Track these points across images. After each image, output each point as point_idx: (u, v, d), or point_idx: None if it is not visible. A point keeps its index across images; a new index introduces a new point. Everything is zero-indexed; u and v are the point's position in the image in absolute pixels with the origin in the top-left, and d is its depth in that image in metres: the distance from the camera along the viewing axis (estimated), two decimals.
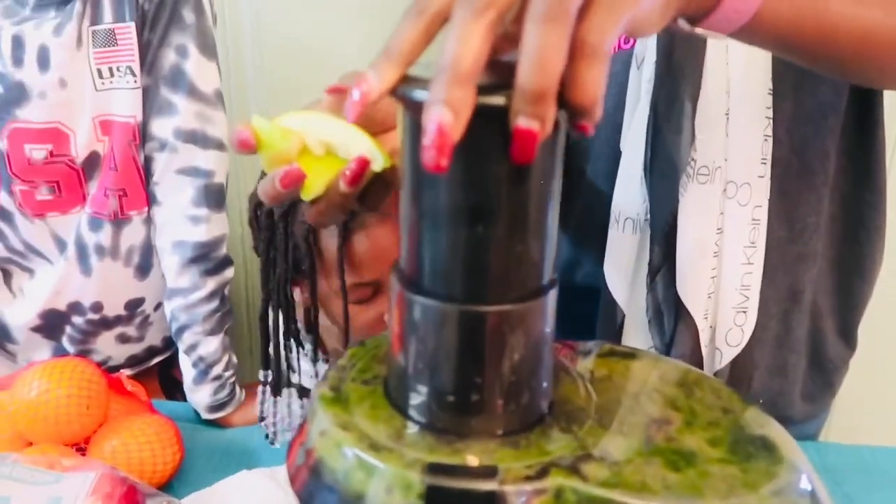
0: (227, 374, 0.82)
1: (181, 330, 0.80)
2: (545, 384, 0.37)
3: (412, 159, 0.32)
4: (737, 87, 0.64)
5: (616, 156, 0.70)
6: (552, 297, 0.35)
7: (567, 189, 0.77)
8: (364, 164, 0.37)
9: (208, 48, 0.79)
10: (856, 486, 0.73)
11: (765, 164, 0.65)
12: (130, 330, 0.88)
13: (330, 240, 0.71)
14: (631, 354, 0.45)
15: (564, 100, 0.28)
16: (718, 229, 0.66)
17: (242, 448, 0.79)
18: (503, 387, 0.35)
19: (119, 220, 0.81)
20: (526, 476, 0.33)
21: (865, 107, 0.68)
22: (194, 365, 0.81)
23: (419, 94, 0.29)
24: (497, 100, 0.28)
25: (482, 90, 0.28)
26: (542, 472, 0.33)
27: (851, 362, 0.80)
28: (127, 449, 0.69)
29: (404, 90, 0.31)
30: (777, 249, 0.68)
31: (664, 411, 0.40)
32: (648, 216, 0.69)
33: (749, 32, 0.41)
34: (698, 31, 0.40)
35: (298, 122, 0.38)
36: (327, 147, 0.38)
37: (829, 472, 0.75)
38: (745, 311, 0.69)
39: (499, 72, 0.30)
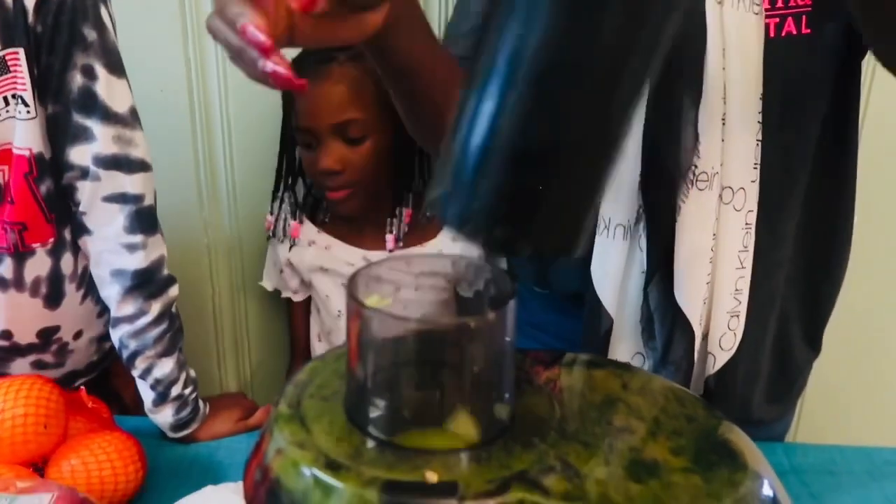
0: (188, 391, 0.80)
1: (133, 356, 0.78)
2: (507, 396, 0.36)
3: None
4: (733, 92, 0.64)
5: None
6: (512, 307, 0.35)
7: None
8: None
9: (115, 65, 0.74)
10: (823, 487, 0.74)
11: (756, 168, 0.66)
12: (47, 357, 0.84)
13: None
14: (595, 364, 0.45)
15: None
16: (714, 235, 0.67)
17: (208, 463, 0.78)
18: (463, 400, 0.34)
19: (21, 253, 0.77)
20: (487, 491, 0.32)
21: (844, 118, 0.69)
22: (152, 388, 0.78)
23: None
24: None
25: None
26: (504, 487, 0.32)
27: (819, 364, 0.81)
28: (87, 468, 0.67)
29: None
30: (761, 255, 0.69)
31: (628, 421, 0.40)
32: (643, 222, 0.68)
33: None
34: None
35: None
36: None
37: (796, 473, 0.76)
38: (737, 315, 0.69)
39: None
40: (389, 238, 1.04)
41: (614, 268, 0.70)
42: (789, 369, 0.77)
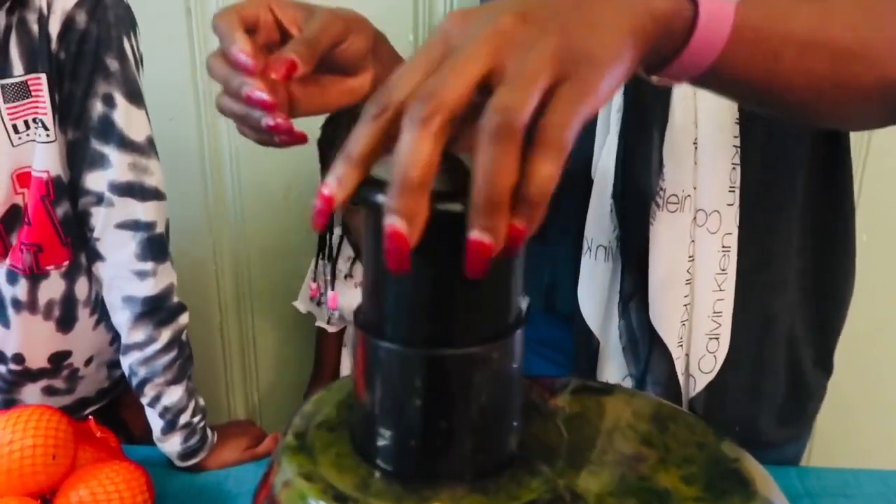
0: (196, 419, 0.80)
1: (142, 384, 0.78)
2: (515, 425, 0.36)
3: (374, 249, 0.32)
4: (705, 116, 0.64)
5: (587, 184, 0.70)
6: (519, 336, 0.35)
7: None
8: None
9: (135, 95, 0.77)
10: None
11: (733, 192, 0.66)
12: (57, 382, 0.85)
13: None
14: (604, 390, 0.45)
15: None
16: (690, 257, 0.67)
17: (216, 492, 0.77)
18: (471, 430, 0.34)
19: (35, 275, 0.78)
20: None
21: (832, 137, 0.69)
22: (161, 416, 0.78)
23: (379, 197, 0.30)
24: (454, 206, 0.29)
25: (442, 196, 0.29)
26: None
27: (832, 386, 0.80)
28: (95, 498, 0.66)
29: (365, 193, 0.31)
30: (746, 276, 0.69)
31: (638, 448, 0.39)
32: (620, 244, 0.69)
33: (701, 82, 0.41)
34: (653, 79, 0.41)
35: None
36: None
37: (810, 497, 0.75)
38: (717, 338, 0.69)
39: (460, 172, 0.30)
40: None
41: (598, 288, 0.71)
42: (802, 391, 0.77)
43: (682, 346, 0.69)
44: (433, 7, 1.07)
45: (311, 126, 1.01)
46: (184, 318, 0.80)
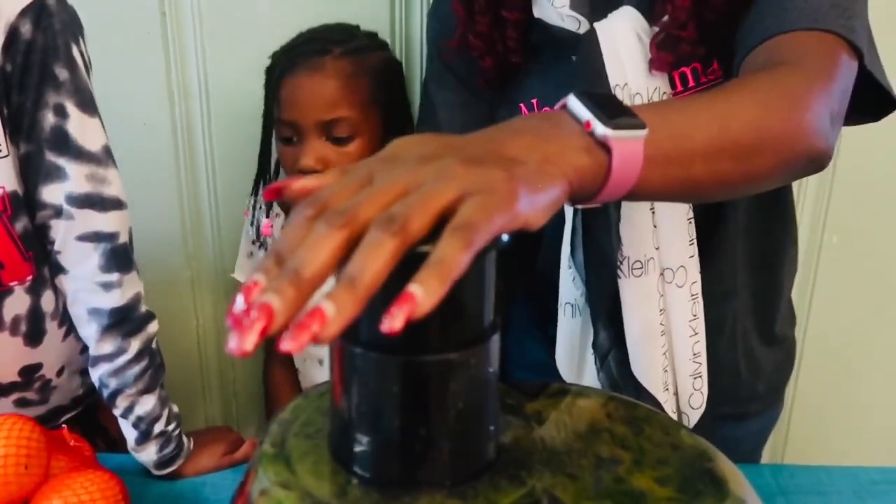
0: (171, 427, 0.79)
1: (114, 395, 0.77)
2: (492, 430, 0.36)
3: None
4: None
5: (559, 244, 0.73)
6: (495, 341, 0.35)
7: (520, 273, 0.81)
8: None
9: (87, 103, 0.74)
10: None
11: (693, 244, 0.69)
12: (30, 394, 0.83)
13: None
14: (580, 393, 0.45)
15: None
16: (661, 310, 0.70)
17: (193, 500, 0.77)
18: (448, 436, 0.34)
19: None
20: None
21: None
22: (135, 426, 0.77)
23: None
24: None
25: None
26: None
27: (805, 386, 0.82)
28: None
29: None
30: (710, 302, 0.72)
31: (613, 451, 0.40)
32: (586, 300, 0.72)
33: (622, 199, 0.44)
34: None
35: None
36: None
37: (784, 495, 0.76)
38: (700, 376, 0.72)
39: None
40: None
41: (569, 342, 0.74)
42: (755, 372, 0.80)
43: (668, 390, 0.71)
44: (409, 8, 1.07)
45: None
46: (152, 327, 0.79)
